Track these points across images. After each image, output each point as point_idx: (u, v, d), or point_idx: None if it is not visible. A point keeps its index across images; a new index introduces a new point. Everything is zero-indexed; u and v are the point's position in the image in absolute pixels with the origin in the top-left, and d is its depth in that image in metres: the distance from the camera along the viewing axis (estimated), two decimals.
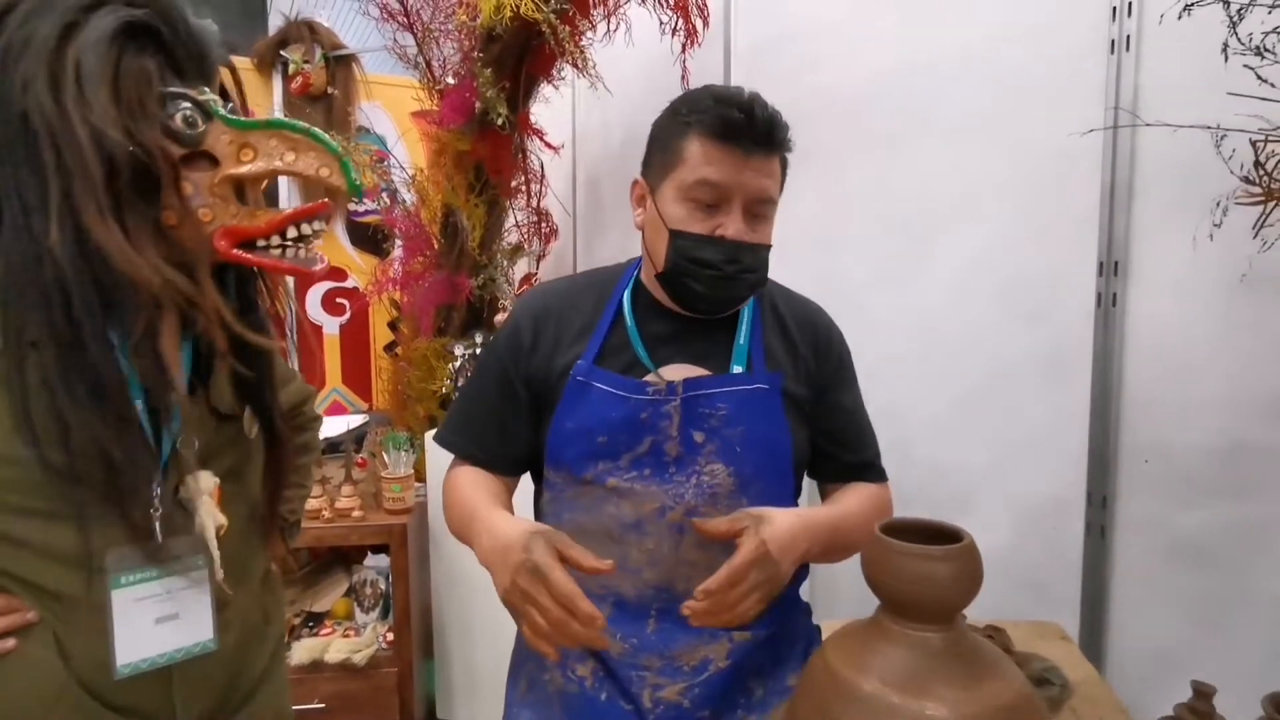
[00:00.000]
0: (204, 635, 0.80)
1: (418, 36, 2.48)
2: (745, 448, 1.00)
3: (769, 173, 0.97)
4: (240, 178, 0.73)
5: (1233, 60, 1.02)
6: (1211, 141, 1.12)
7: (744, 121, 0.93)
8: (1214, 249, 1.25)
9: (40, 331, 0.66)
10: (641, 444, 0.99)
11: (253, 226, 0.73)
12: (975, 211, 1.67)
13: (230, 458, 0.84)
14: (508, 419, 1.07)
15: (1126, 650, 1.47)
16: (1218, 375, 1.34)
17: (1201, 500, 1.36)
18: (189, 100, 0.71)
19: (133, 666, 0.75)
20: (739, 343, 1.04)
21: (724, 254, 0.96)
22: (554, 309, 1.07)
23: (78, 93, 0.65)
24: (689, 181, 0.96)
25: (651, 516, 0.99)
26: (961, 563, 0.77)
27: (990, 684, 0.74)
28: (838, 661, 0.79)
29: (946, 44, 1.70)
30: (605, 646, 0.83)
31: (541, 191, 2.73)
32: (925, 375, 1.71)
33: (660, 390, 0.99)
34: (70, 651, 0.73)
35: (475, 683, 2.28)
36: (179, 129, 0.70)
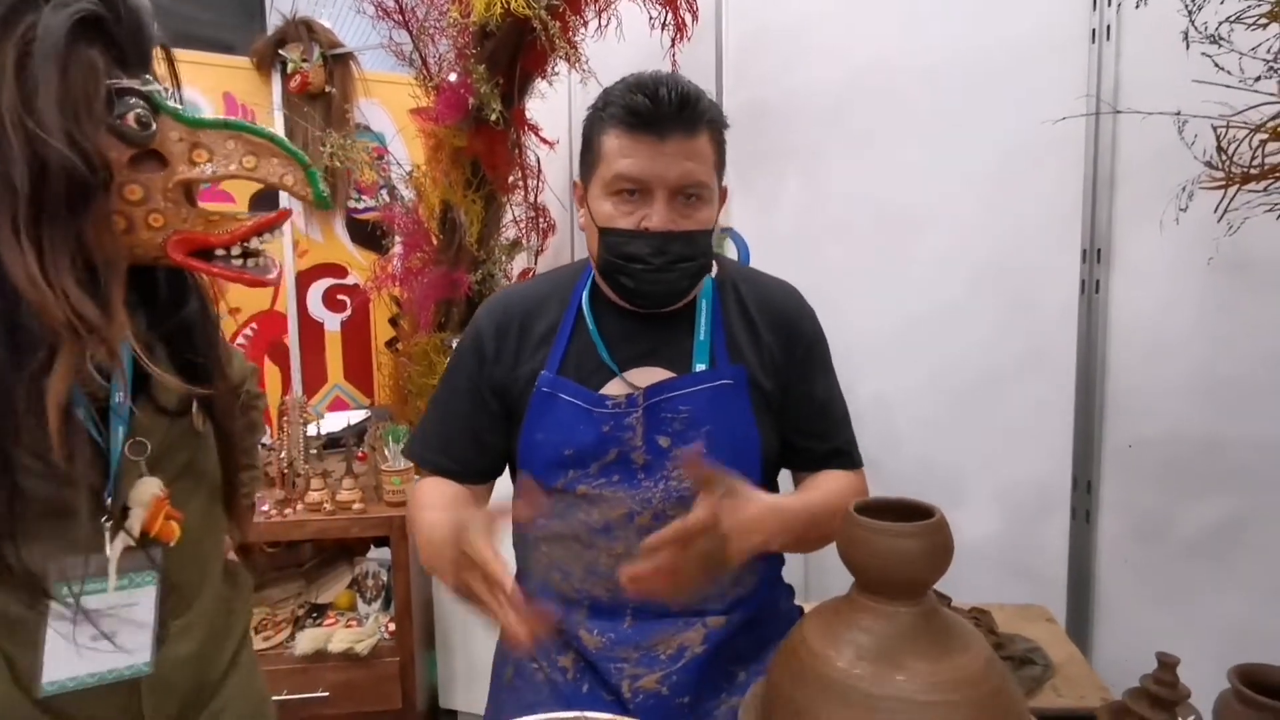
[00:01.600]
0: (139, 658, 0.75)
1: (413, 34, 2.50)
2: (712, 449, 0.98)
3: (691, 154, 0.93)
4: (193, 181, 0.69)
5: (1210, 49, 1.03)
6: (1192, 128, 1.13)
7: (650, 107, 0.90)
8: (1192, 234, 1.26)
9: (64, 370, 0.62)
10: (608, 453, 0.99)
11: (212, 237, 0.69)
12: (959, 203, 1.69)
13: (184, 454, 0.80)
14: (481, 429, 1.05)
15: (1112, 632, 1.49)
16: (1198, 360, 1.35)
17: (1183, 484, 1.38)
18: (137, 95, 0.65)
19: (59, 685, 0.71)
20: (699, 339, 1.01)
21: (650, 246, 0.93)
22: (515, 315, 1.05)
23: (18, 95, 0.59)
24: (608, 177, 0.94)
25: (620, 521, 0.99)
26: (931, 538, 0.79)
27: (957, 656, 0.76)
28: (813, 637, 0.81)
29: (930, 37, 1.72)
30: (528, 651, 0.77)
31: (538, 187, 2.75)
32: (912, 367, 1.73)
33: (620, 403, 0.98)
34: (20, 671, 0.70)
35: (476, 672, 2.30)
36: (129, 130, 0.65)
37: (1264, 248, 1.17)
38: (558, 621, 0.82)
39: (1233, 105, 0.95)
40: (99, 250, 0.65)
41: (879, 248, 1.82)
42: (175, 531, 0.75)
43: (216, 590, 0.86)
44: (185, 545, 0.77)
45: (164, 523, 0.74)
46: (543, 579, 1.06)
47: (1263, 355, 1.29)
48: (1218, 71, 0.93)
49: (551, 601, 1.04)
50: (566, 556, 1.03)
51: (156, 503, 0.74)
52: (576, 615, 1.04)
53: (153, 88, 0.67)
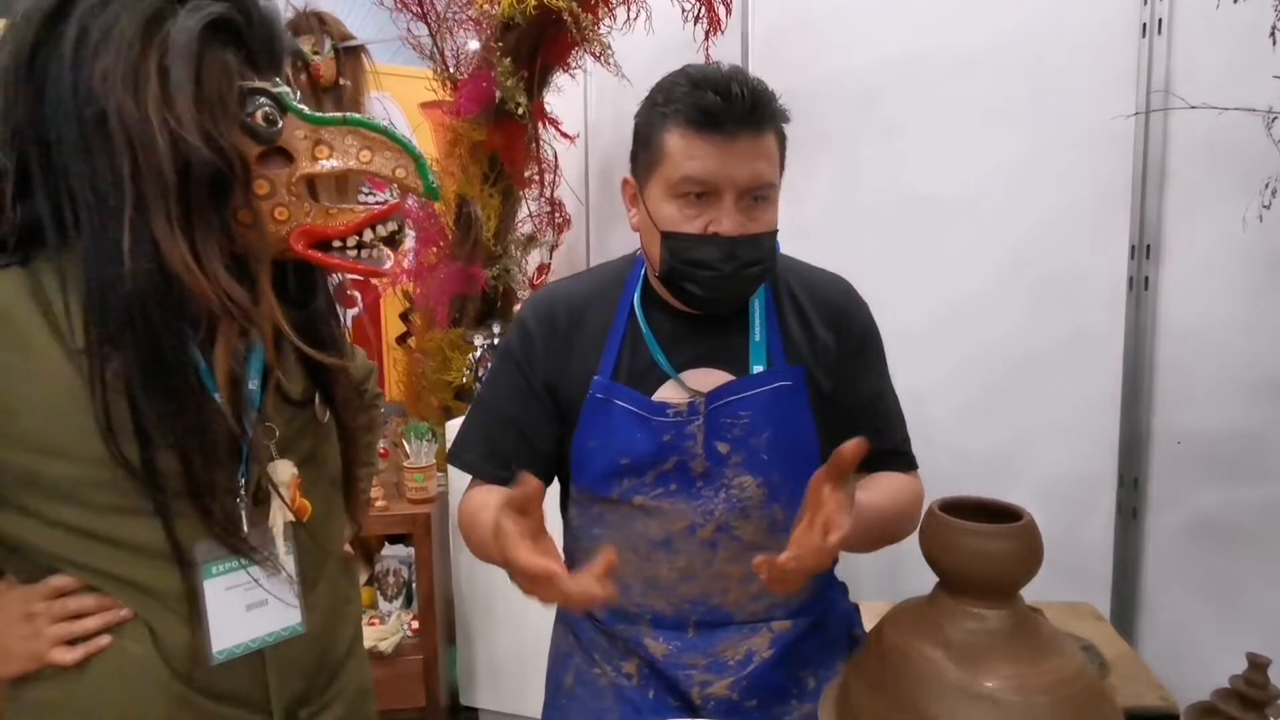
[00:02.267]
0: (293, 620, 0.80)
1: (431, 26, 2.47)
2: (772, 455, 0.96)
3: (760, 154, 0.89)
4: (315, 176, 0.72)
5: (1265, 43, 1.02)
6: (1244, 124, 1.12)
7: (722, 105, 0.86)
8: (1244, 232, 1.26)
9: (118, 332, 0.66)
10: (667, 462, 0.96)
11: (330, 228, 0.72)
12: (997, 194, 1.67)
13: (307, 443, 0.84)
14: (530, 430, 1.00)
15: (1158, 629, 1.49)
16: (1248, 357, 1.35)
17: (1232, 482, 1.38)
18: (267, 95, 0.69)
19: (228, 652, 0.76)
20: (755, 339, 0.98)
21: (720, 252, 0.89)
22: (562, 313, 1.01)
23: (161, 96, 0.64)
24: (674, 179, 0.89)
25: (682, 534, 0.96)
26: (1021, 540, 0.78)
27: (1050, 660, 0.75)
28: (896, 637, 0.80)
29: (971, 29, 1.70)
30: (603, 594, 0.69)
31: (555, 181, 2.73)
32: (948, 359, 1.72)
33: (682, 411, 0.95)
34: (165, 644, 0.74)
35: (497, 669, 2.29)
36: (259, 127, 0.69)
37: None
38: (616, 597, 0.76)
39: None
40: (242, 241, 0.70)
41: (914, 237, 1.81)
42: (309, 509, 0.80)
43: (334, 578, 0.88)
44: (308, 528, 0.81)
45: (299, 501, 0.79)
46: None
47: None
48: None
49: (610, 615, 1.02)
50: (624, 571, 0.99)
51: (294, 481, 0.78)
52: (639, 626, 1.01)
53: (281, 89, 0.71)
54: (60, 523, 0.69)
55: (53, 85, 0.65)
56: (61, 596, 0.72)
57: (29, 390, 0.66)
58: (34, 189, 0.67)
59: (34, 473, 0.68)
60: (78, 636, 0.72)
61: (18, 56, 0.66)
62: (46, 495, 0.68)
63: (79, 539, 0.70)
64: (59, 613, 0.71)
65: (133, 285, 0.64)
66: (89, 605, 0.72)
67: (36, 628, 0.71)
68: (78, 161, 0.65)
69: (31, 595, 0.72)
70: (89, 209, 0.65)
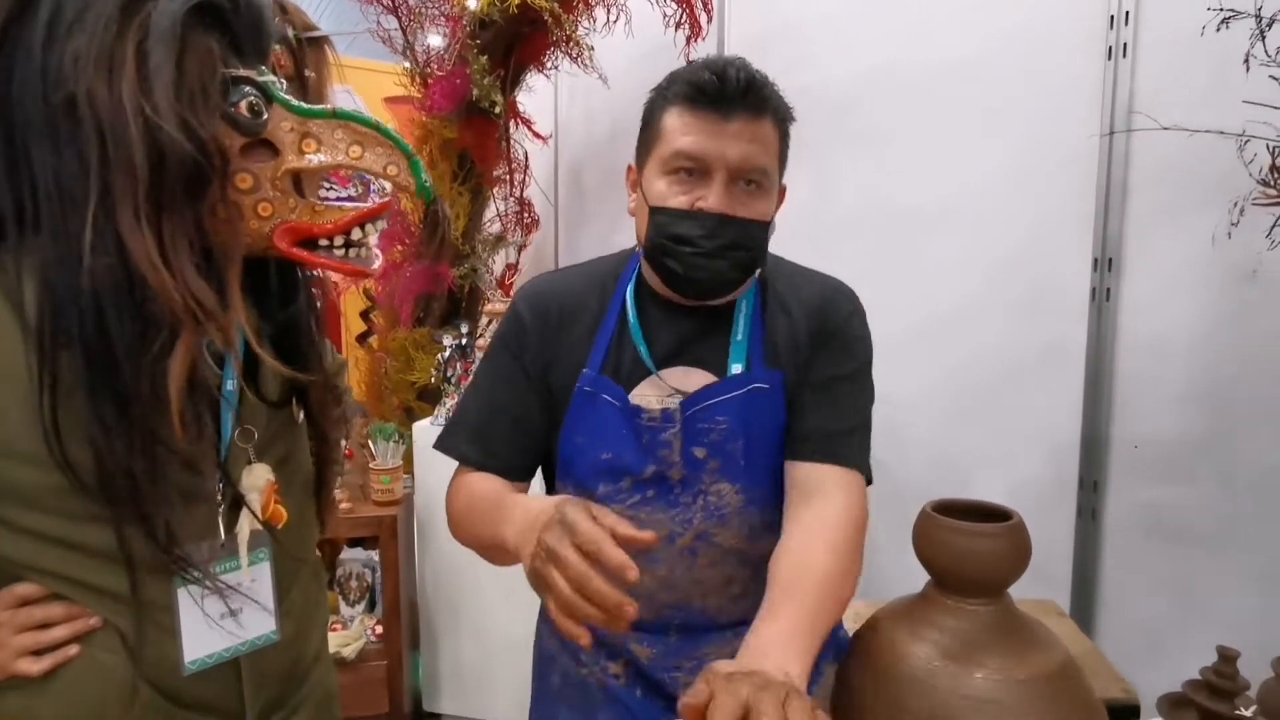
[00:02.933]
0: (267, 627, 0.78)
1: (402, 20, 2.43)
2: (749, 461, 0.94)
3: (755, 137, 0.88)
4: (302, 171, 0.69)
5: (1229, 67, 1.08)
6: (1207, 145, 1.19)
7: (716, 84, 0.86)
8: (1202, 247, 1.33)
9: (69, 333, 0.62)
10: (645, 470, 0.94)
11: (317, 226, 0.69)
12: (969, 206, 1.73)
13: (283, 445, 0.81)
14: (521, 418, 0.99)
15: (1116, 625, 1.56)
16: (1202, 367, 1.43)
17: (1185, 484, 1.45)
18: (252, 84, 0.66)
19: (200, 662, 0.73)
20: (736, 339, 0.96)
21: (703, 228, 0.87)
22: (555, 302, 1.00)
23: (137, 81, 0.60)
24: (666, 154, 0.89)
25: (660, 543, 0.91)
26: (1011, 539, 0.81)
27: (1036, 654, 0.78)
28: (890, 632, 0.82)
29: (946, 46, 1.76)
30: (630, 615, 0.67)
31: (525, 181, 2.71)
32: (921, 366, 1.77)
33: (655, 418, 0.94)
34: (139, 652, 0.71)
35: (462, 675, 2.26)
36: (242, 118, 0.65)
37: (1273, 260, 1.24)
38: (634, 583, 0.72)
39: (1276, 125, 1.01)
40: (215, 237, 0.66)
41: (888, 246, 1.86)
42: (284, 515, 0.77)
43: (306, 583, 0.86)
44: (284, 535, 0.79)
45: (274, 507, 0.76)
46: None
47: (1264, 362, 1.36)
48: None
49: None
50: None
51: (269, 487, 0.75)
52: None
53: (267, 78, 0.67)
54: (28, 529, 0.66)
55: (20, 67, 0.61)
56: (26, 605, 0.68)
57: (2, 391, 0.63)
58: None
59: (6, 478, 0.64)
60: (45, 646, 0.68)
61: None
62: (15, 501, 0.65)
63: (49, 546, 0.67)
64: (24, 622, 0.67)
65: (90, 283, 0.60)
66: (56, 614, 0.68)
67: (1, 638, 0.67)
68: (42, 149, 0.61)
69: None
70: (50, 200, 0.61)
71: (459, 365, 2.27)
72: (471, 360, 2.30)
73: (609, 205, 2.76)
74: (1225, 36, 1.07)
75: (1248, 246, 1.18)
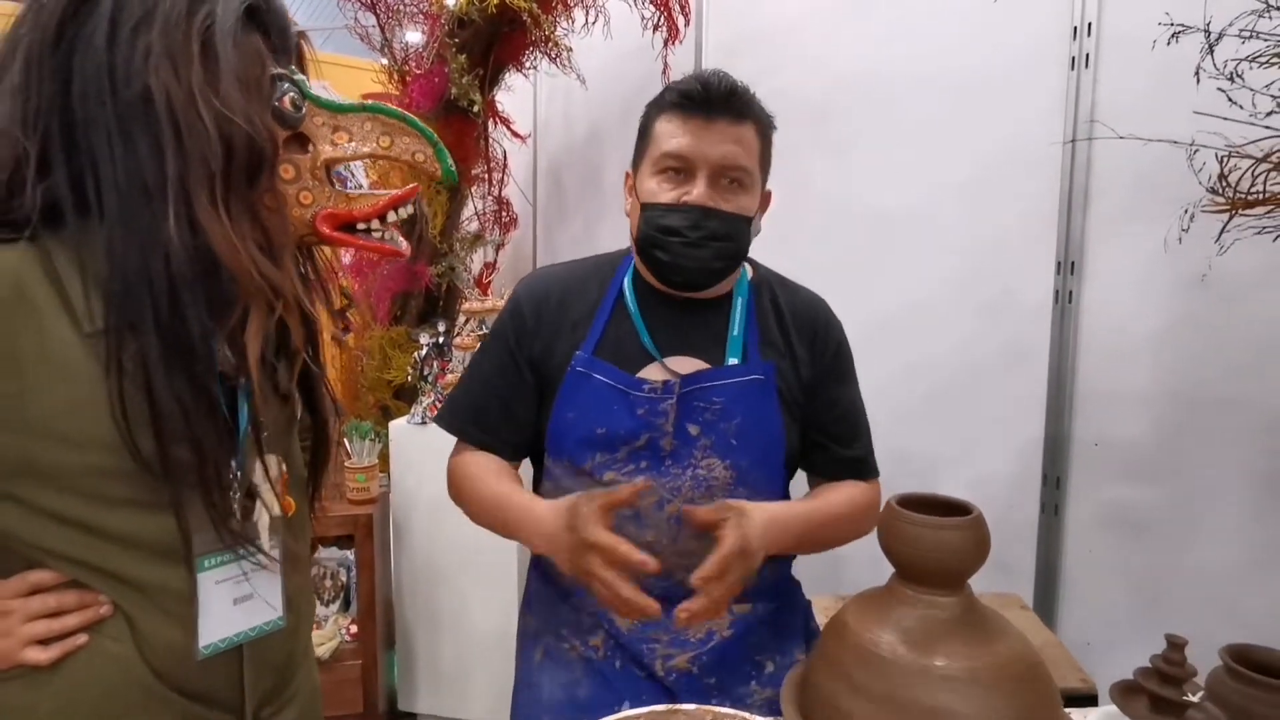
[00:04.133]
0: (274, 614, 0.80)
1: (380, 18, 2.42)
2: (740, 440, 1.01)
3: (735, 138, 0.97)
4: (336, 160, 0.73)
5: (1186, 79, 1.13)
6: (1164, 153, 1.23)
7: (700, 91, 0.96)
8: (1158, 252, 1.38)
9: (142, 316, 0.64)
10: (639, 439, 1.01)
11: (357, 210, 0.74)
12: (937, 210, 1.78)
13: (286, 440, 0.83)
14: (513, 402, 1.06)
15: (1076, 617, 1.61)
16: (1161, 367, 1.48)
17: (1144, 481, 1.50)
18: (290, 81, 0.70)
19: (213, 647, 0.75)
20: (733, 333, 1.05)
21: (688, 220, 0.97)
22: (555, 293, 1.07)
23: (205, 76, 0.64)
24: (656, 156, 0.99)
25: (649, 510, 1.01)
26: (971, 533, 0.84)
27: (996, 644, 0.81)
28: (855, 623, 0.85)
29: (911, 54, 1.80)
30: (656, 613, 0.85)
31: (504, 180, 2.72)
32: (887, 365, 1.81)
33: (656, 389, 1.00)
34: (146, 641, 0.71)
35: (438, 673, 2.26)
36: (287, 112, 0.70)
37: (1222, 265, 1.28)
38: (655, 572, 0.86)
39: (1226, 135, 1.05)
40: (266, 223, 0.70)
41: (856, 248, 1.90)
42: (292, 506, 0.80)
43: (297, 578, 0.87)
44: (287, 530, 0.81)
45: (285, 498, 0.78)
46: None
47: (1217, 361, 1.42)
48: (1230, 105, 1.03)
49: (579, 588, 1.05)
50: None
51: (283, 478, 0.78)
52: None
53: (300, 76, 0.73)
54: (54, 513, 0.66)
55: (82, 65, 0.63)
56: (39, 592, 0.68)
57: (42, 373, 0.64)
58: (54, 170, 0.64)
59: (31, 459, 0.64)
60: (54, 635, 0.68)
61: (43, 37, 0.64)
62: (41, 483, 0.65)
63: (73, 530, 0.67)
64: (36, 609, 0.68)
65: (166, 267, 0.63)
66: (69, 602, 0.68)
67: (8, 626, 0.67)
68: (110, 142, 0.63)
69: (4, 591, 0.68)
70: (118, 190, 0.63)
71: (436, 364, 2.27)
72: (449, 359, 2.30)
73: (587, 204, 2.78)
74: (1178, 49, 1.11)
75: (1199, 251, 1.23)
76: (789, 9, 2.01)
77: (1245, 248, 1.14)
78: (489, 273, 2.87)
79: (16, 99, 0.64)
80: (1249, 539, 1.44)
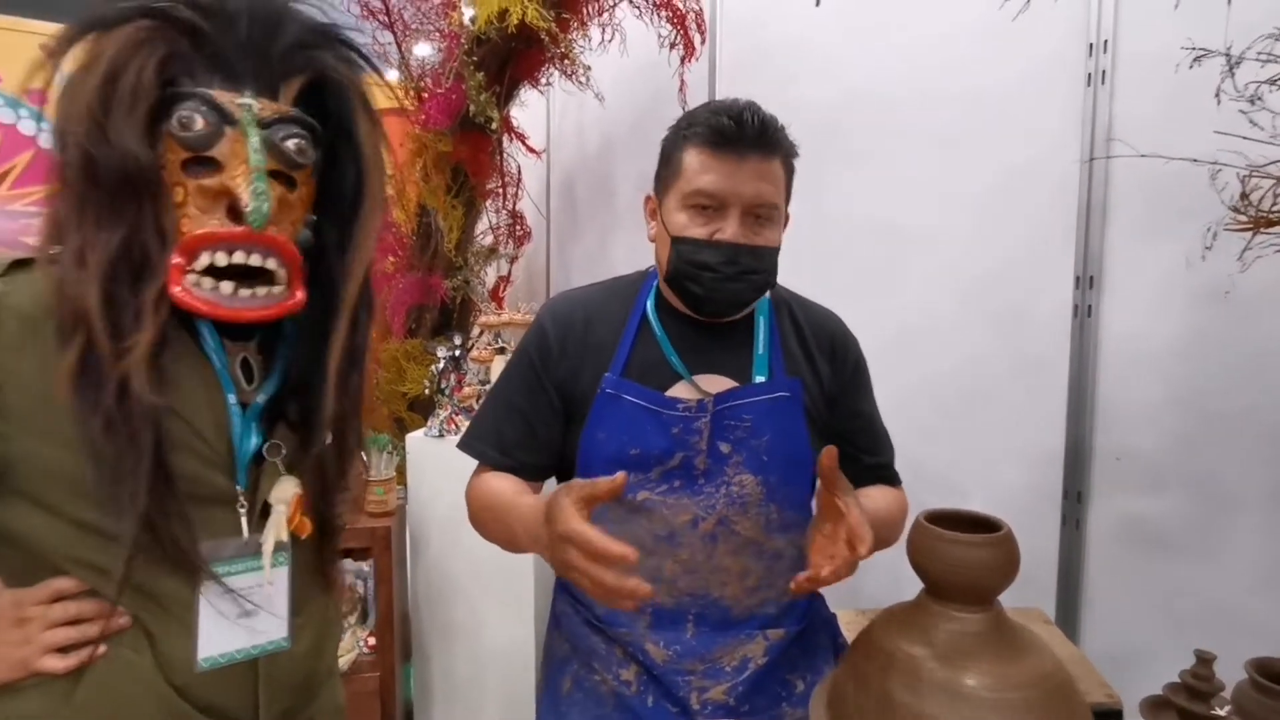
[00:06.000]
0: (278, 634, 0.80)
1: (398, 36, 2.46)
2: (770, 457, 1.03)
3: (766, 176, 0.98)
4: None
5: (1201, 97, 1.14)
6: (1181, 171, 1.24)
7: (734, 128, 0.96)
8: (1179, 267, 1.38)
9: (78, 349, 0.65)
10: (673, 458, 1.01)
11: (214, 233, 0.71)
12: (953, 224, 1.78)
13: (309, 463, 0.83)
14: (537, 425, 1.06)
15: (1100, 631, 1.60)
16: (1181, 379, 1.47)
17: (1166, 494, 1.50)
18: (204, 100, 0.69)
19: (212, 660, 0.75)
20: (758, 352, 1.06)
21: (722, 256, 0.98)
22: (579, 317, 1.08)
23: (70, 96, 0.65)
24: (687, 191, 0.99)
25: (684, 528, 1.01)
26: (1001, 549, 0.84)
27: (1027, 660, 0.81)
28: (883, 638, 0.85)
29: (925, 70, 1.81)
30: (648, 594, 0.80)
31: (517, 194, 2.74)
32: (908, 380, 1.81)
33: (691, 407, 1.01)
34: (164, 653, 0.72)
35: (453, 687, 2.26)
36: (175, 130, 0.68)
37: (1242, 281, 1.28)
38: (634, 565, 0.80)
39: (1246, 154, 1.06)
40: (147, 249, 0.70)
41: (872, 262, 1.91)
42: (309, 527, 0.80)
43: (323, 599, 0.88)
44: (304, 551, 0.81)
45: (300, 519, 0.79)
46: None
47: (1239, 376, 1.42)
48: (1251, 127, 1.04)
49: (610, 612, 1.05)
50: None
51: (296, 500, 0.78)
52: (639, 627, 1.05)
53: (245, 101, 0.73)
54: (77, 520, 0.68)
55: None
56: (60, 600, 0.69)
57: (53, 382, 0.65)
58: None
59: (59, 467, 0.66)
60: (74, 643, 0.69)
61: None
62: (69, 491, 0.67)
63: (87, 535, 0.68)
64: (56, 617, 0.69)
65: (78, 288, 0.65)
66: (90, 611, 0.69)
67: (28, 634, 0.68)
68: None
69: (25, 599, 0.69)
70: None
71: (452, 376, 2.29)
72: (464, 372, 2.32)
73: (600, 218, 2.80)
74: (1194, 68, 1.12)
75: (1221, 267, 1.23)
76: (803, 25, 2.02)
77: (1265, 264, 1.14)
78: (503, 286, 2.89)
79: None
80: (1272, 552, 1.43)
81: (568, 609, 1.12)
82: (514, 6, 1.90)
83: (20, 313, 0.65)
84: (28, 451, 0.66)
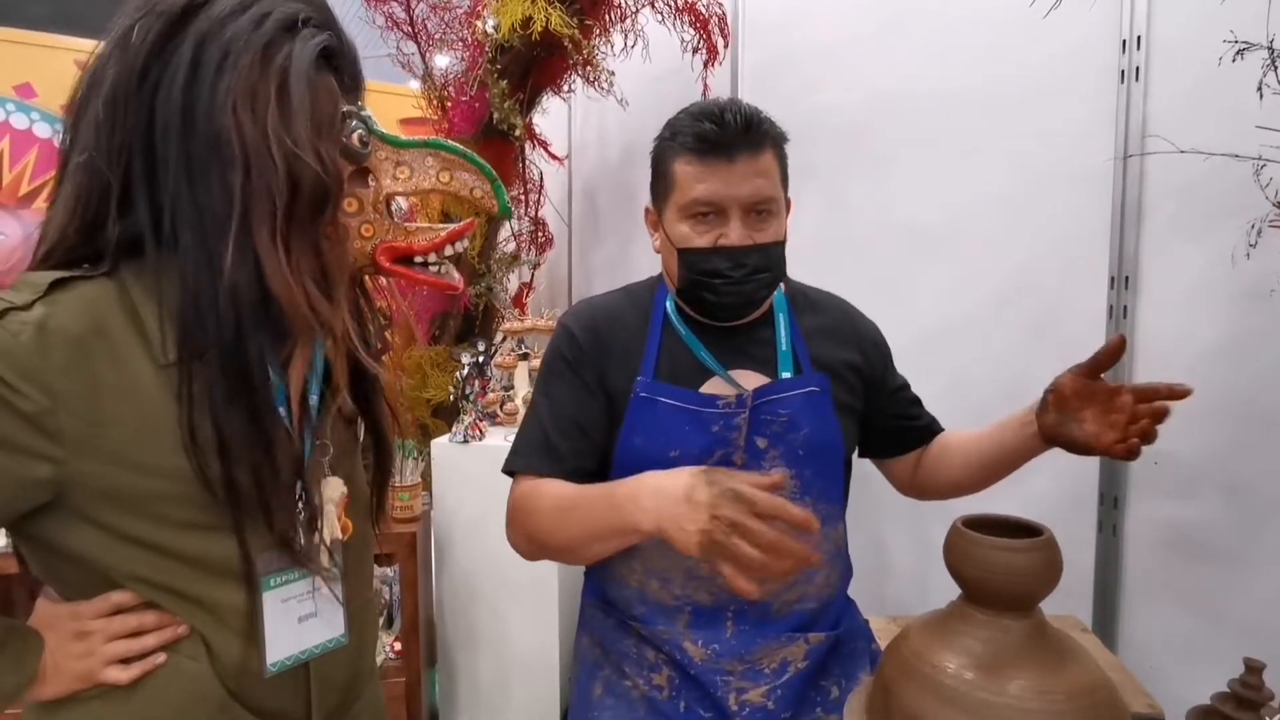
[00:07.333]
0: (337, 631, 0.81)
1: (421, 46, 2.48)
2: (806, 450, 1.03)
3: (759, 172, 0.98)
4: (397, 194, 0.76)
5: (1243, 91, 1.11)
6: (1220, 168, 1.21)
7: (718, 132, 0.95)
8: (1218, 266, 1.35)
9: (208, 346, 0.67)
10: (712, 456, 1.01)
11: (415, 244, 0.76)
12: (987, 226, 1.76)
13: (349, 463, 0.85)
14: (589, 428, 1.04)
15: (1138, 639, 1.57)
16: (1219, 382, 1.44)
17: (1204, 500, 1.46)
18: (358, 119, 0.73)
19: (279, 665, 0.76)
20: (781, 348, 1.06)
21: (729, 261, 0.98)
22: (601, 320, 1.08)
23: (279, 115, 0.67)
24: (684, 202, 0.99)
25: None
26: (1042, 555, 0.83)
27: (1069, 669, 0.79)
28: (921, 645, 0.83)
29: (951, 68, 1.79)
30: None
31: (540, 201, 2.75)
32: (940, 381, 1.78)
33: (730, 403, 1.01)
34: (220, 660, 0.73)
35: (478, 692, 2.26)
36: (354, 148, 0.73)
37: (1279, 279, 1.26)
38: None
39: None
40: (327, 255, 0.72)
41: (899, 265, 1.89)
42: (350, 527, 0.81)
43: (366, 597, 0.89)
44: (349, 550, 0.82)
45: (344, 519, 0.80)
46: (639, 587, 1.06)
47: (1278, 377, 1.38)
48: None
49: (649, 611, 1.05)
50: (666, 564, 1.03)
51: (342, 500, 0.79)
52: (678, 625, 1.04)
53: (367, 113, 0.76)
54: (132, 537, 0.69)
55: (164, 104, 0.66)
56: (120, 613, 0.70)
57: (119, 404, 0.66)
58: (135, 203, 0.68)
59: (114, 486, 0.67)
60: (134, 655, 0.70)
61: (128, 75, 0.66)
62: (123, 509, 0.68)
63: (149, 554, 0.69)
64: (118, 630, 0.70)
65: (230, 298, 0.66)
66: (149, 622, 0.71)
67: (90, 646, 0.70)
68: (186, 178, 0.66)
69: (84, 612, 0.70)
70: (191, 224, 0.66)
71: (476, 383, 2.30)
72: (489, 378, 2.33)
73: (621, 224, 2.80)
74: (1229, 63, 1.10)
75: (1264, 266, 1.20)
76: (826, 27, 2.02)
77: None
78: (526, 292, 2.91)
79: (100, 132, 0.67)
80: None
81: (598, 613, 1.11)
82: (537, 14, 1.92)
83: (67, 335, 0.64)
84: (83, 473, 0.66)
